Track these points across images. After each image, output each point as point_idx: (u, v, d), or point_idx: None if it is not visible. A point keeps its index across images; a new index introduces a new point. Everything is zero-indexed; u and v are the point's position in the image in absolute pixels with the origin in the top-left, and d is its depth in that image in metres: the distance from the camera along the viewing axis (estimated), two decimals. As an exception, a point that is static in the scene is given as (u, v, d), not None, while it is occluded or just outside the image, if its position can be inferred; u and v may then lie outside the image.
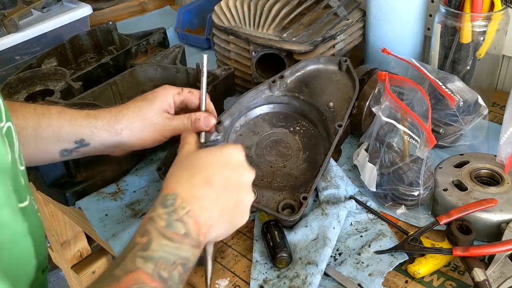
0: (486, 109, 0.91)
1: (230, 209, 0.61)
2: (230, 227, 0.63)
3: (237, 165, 0.63)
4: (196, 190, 0.59)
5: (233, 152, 0.64)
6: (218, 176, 0.61)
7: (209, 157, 0.63)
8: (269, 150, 0.89)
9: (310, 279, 0.70)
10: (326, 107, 0.90)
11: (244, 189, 0.63)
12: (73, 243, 1.37)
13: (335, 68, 0.96)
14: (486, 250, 0.70)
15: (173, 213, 0.56)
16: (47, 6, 1.33)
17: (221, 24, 1.10)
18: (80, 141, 0.73)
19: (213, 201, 0.59)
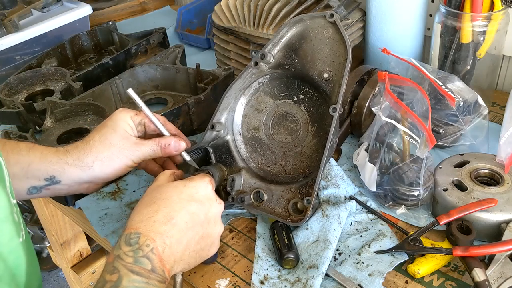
0: (486, 109, 0.91)
1: (195, 243, 0.63)
2: (197, 259, 0.65)
3: (202, 199, 0.65)
4: (158, 227, 0.60)
5: (199, 186, 0.65)
6: (181, 212, 0.62)
7: (174, 193, 0.64)
8: (277, 128, 0.86)
9: (311, 282, 0.70)
10: (322, 79, 0.80)
11: (211, 222, 0.65)
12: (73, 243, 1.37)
13: (323, 22, 0.80)
14: (486, 250, 0.70)
15: (139, 250, 0.57)
16: (47, 6, 1.33)
17: (221, 24, 1.10)
18: (50, 178, 0.72)
19: (176, 238, 0.61)
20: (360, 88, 0.94)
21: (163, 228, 0.60)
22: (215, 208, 0.66)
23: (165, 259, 0.59)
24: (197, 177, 0.67)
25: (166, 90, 1.13)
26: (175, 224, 0.61)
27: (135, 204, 0.87)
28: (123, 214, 0.86)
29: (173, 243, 0.60)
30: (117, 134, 0.74)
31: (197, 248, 0.64)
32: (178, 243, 0.61)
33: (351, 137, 1.00)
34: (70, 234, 1.34)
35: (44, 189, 0.73)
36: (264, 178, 0.83)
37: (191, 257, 0.64)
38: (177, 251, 0.61)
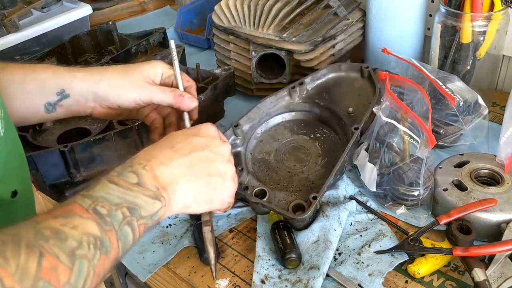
0: (486, 109, 0.91)
1: (202, 171, 0.60)
2: (210, 192, 0.61)
3: (205, 135, 0.63)
4: (156, 151, 0.59)
5: (202, 126, 0.64)
6: (182, 142, 0.61)
7: (177, 133, 0.64)
8: (288, 156, 0.89)
9: (312, 283, 0.70)
10: (346, 113, 0.91)
11: (219, 157, 0.62)
12: (73, 243, 1.36)
13: (356, 75, 0.97)
14: (486, 250, 0.70)
15: (128, 167, 0.56)
16: (47, 6, 1.33)
17: (221, 24, 1.10)
18: (61, 92, 0.72)
19: (176, 161, 0.58)
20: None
21: (162, 153, 0.58)
22: (222, 146, 0.63)
23: (161, 176, 0.56)
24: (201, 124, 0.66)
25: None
26: (175, 151, 0.59)
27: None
28: (123, 214, 0.86)
29: (173, 164, 0.58)
30: (139, 70, 0.73)
31: (206, 178, 0.61)
32: (179, 165, 0.58)
33: (351, 137, 0.99)
34: (70, 234, 1.34)
35: (58, 106, 0.72)
36: (267, 185, 0.84)
37: (199, 184, 0.60)
38: (178, 172, 0.58)
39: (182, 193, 0.58)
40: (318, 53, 1.04)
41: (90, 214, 0.49)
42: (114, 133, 0.89)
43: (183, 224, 0.84)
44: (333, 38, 1.06)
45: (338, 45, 1.09)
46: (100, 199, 0.51)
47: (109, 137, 0.89)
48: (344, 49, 1.11)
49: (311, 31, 1.04)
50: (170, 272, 0.76)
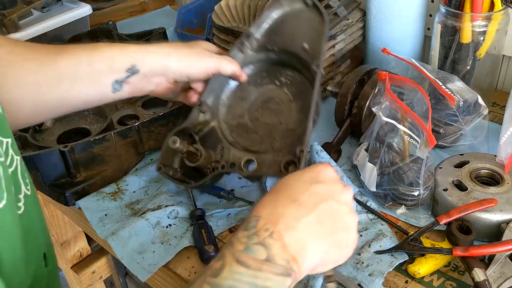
0: (486, 109, 0.91)
1: (330, 229, 0.53)
2: (337, 252, 0.55)
3: (327, 181, 0.56)
4: (281, 209, 0.52)
5: (320, 169, 0.57)
6: (306, 193, 0.54)
7: (293, 178, 0.57)
8: (262, 111, 0.86)
9: (312, 283, 0.70)
10: (302, 50, 0.84)
11: (343, 207, 0.55)
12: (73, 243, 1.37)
13: (301, 5, 0.87)
14: (486, 250, 0.70)
15: (254, 235, 0.49)
16: (47, 6, 1.33)
17: (221, 24, 1.10)
18: (131, 68, 0.72)
19: (304, 219, 0.51)
20: (360, 88, 0.94)
21: (286, 211, 0.51)
22: (345, 193, 0.56)
23: (290, 245, 0.49)
24: (317, 164, 0.59)
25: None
26: (300, 205, 0.52)
27: (135, 204, 0.88)
28: (123, 215, 0.86)
29: (301, 226, 0.51)
30: (201, 45, 0.79)
31: (333, 235, 0.53)
32: (307, 225, 0.51)
33: (351, 137, 1.00)
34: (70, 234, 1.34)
35: (125, 83, 0.73)
36: (252, 151, 0.83)
37: (328, 245, 0.53)
38: (307, 235, 0.51)
39: (311, 259, 0.52)
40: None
41: None
42: (114, 133, 0.89)
43: (183, 224, 0.83)
44: (333, 38, 1.06)
45: (338, 45, 1.09)
46: None
47: (109, 137, 0.89)
48: (344, 49, 1.11)
49: (311, 31, 1.04)
50: (170, 272, 0.76)
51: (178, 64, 0.75)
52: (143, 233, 0.81)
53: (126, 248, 0.79)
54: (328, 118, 1.07)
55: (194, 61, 0.76)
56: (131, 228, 0.82)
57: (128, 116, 1.06)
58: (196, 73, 0.77)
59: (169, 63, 0.75)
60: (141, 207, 0.87)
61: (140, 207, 0.87)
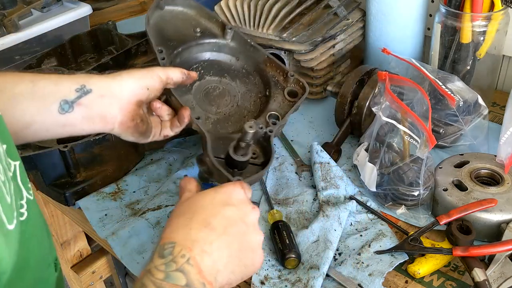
0: (486, 109, 0.91)
1: (237, 250, 0.57)
2: (242, 270, 0.58)
3: (237, 203, 0.59)
4: (194, 234, 0.54)
5: (231, 191, 0.60)
6: (217, 216, 0.57)
7: (206, 199, 0.59)
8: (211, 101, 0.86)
9: (312, 283, 0.70)
10: (196, 34, 0.89)
11: (250, 229, 0.59)
12: (73, 243, 1.37)
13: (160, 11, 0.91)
14: (486, 250, 0.70)
15: (172, 262, 0.51)
16: (47, 6, 1.33)
17: (221, 24, 1.10)
18: (81, 88, 0.67)
19: (215, 243, 0.55)
20: (360, 88, 0.94)
21: (200, 235, 0.54)
22: (251, 214, 0.60)
23: (205, 269, 0.52)
24: (228, 184, 0.63)
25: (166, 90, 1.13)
26: (212, 229, 0.55)
27: (135, 204, 0.88)
28: (123, 215, 0.86)
29: (213, 249, 0.54)
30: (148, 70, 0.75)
31: (240, 256, 0.57)
32: (218, 249, 0.55)
33: (351, 137, 1.00)
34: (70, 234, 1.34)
35: (76, 104, 0.67)
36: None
37: (235, 265, 0.57)
38: (218, 258, 0.54)
39: (222, 279, 0.55)
40: (318, 53, 1.04)
41: None
42: (114, 133, 0.89)
43: (183, 224, 0.83)
44: (333, 38, 1.06)
45: (338, 45, 1.09)
46: None
47: (109, 137, 0.89)
48: (344, 49, 1.11)
49: (311, 31, 1.04)
50: (170, 272, 0.76)
51: (130, 77, 0.71)
52: (143, 233, 0.81)
53: (126, 248, 0.79)
54: (328, 118, 1.07)
55: (144, 72, 0.73)
56: (131, 228, 0.82)
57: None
58: (151, 82, 0.72)
59: (120, 78, 0.71)
60: (141, 207, 0.87)
61: (140, 207, 0.87)
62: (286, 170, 0.93)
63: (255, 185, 0.90)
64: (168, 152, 1.00)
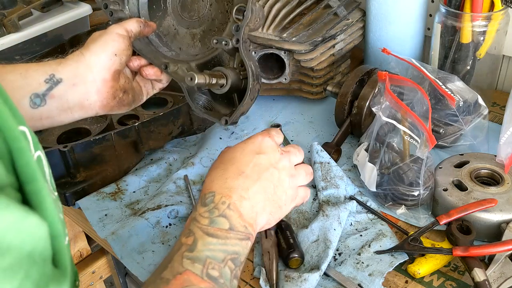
0: (486, 109, 0.91)
1: (272, 192, 0.61)
2: (278, 211, 0.63)
3: (267, 150, 0.63)
4: (231, 182, 0.59)
5: (260, 140, 0.64)
6: (249, 164, 0.61)
7: (237, 150, 0.63)
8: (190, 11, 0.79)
9: (306, 275, 0.70)
10: None
11: (281, 172, 0.63)
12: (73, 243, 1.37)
13: None
14: (486, 250, 0.70)
15: (215, 209, 0.56)
16: (47, 6, 1.33)
17: (221, 24, 1.10)
18: (50, 78, 0.64)
19: (251, 189, 0.59)
20: (360, 88, 0.94)
21: (236, 183, 0.59)
22: (283, 159, 0.63)
23: (245, 213, 0.57)
24: (258, 134, 0.65)
25: (166, 90, 1.13)
26: (247, 177, 0.59)
27: (135, 204, 0.88)
28: (123, 215, 0.86)
29: (250, 195, 0.58)
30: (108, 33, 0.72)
31: (275, 198, 0.62)
32: (255, 193, 0.59)
33: (351, 137, 1.00)
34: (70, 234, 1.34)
35: (49, 97, 0.64)
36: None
37: (271, 207, 0.61)
38: (256, 202, 0.59)
39: (260, 221, 0.60)
40: (318, 53, 1.04)
41: (206, 281, 0.50)
42: (114, 133, 0.89)
43: (183, 224, 0.83)
44: (333, 38, 1.06)
45: (338, 45, 1.09)
46: (207, 260, 0.52)
47: (109, 137, 0.89)
48: (344, 49, 1.11)
49: (311, 31, 1.04)
50: (170, 272, 0.76)
51: (92, 53, 0.67)
52: (143, 233, 0.81)
53: (126, 248, 0.79)
54: (328, 118, 1.07)
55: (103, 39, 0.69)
56: (131, 228, 0.82)
57: (128, 116, 1.06)
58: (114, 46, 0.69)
59: (84, 58, 0.67)
60: (141, 207, 0.87)
61: (140, 207, 0.87)
62: (286, 170, 0.93)
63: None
64: (168, 152, 1.00)
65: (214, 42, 0.71)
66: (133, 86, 0.73)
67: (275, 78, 1.09)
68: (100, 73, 0.68)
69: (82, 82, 0.67)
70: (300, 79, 1.08)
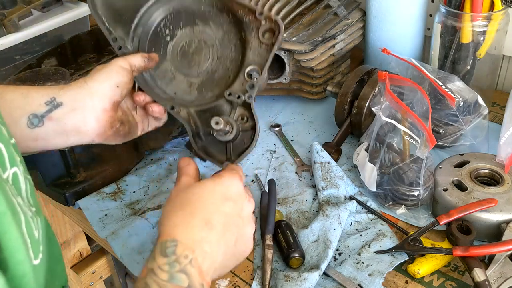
0: (486, 109, 0.91)
1: (232, 245, 0.59)
2: (235, 262, 0.61)
3: (235, 198, 0.60)
4: (197, 233, 0.55)
5: (230, 183, 0.61)
6: (217, 214, 0.57)
7: (206, 192, 0.59)
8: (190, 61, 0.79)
9: (305, 275, 0.70)
10: None
11: (245, 222, 0.61)
12: (73, 243, 1.37)
13: None
14: (486, 250, 0.70)
15: (176, 263, 0.52)
16: (47, 6, 1.33)
17: (221, 24, 1.09)
18: (51, 101, 0.65)
19: (215, 244, 0.56)
20: (360, 88, 0.94)
21: (201, 234, 0.55)
22: (247, 207, 0.61)
23: (205, 270, 0.53)
24: (226, 174, 0.62)
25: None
26: (212, 228, 0.56)
27: (135, 204, 0.88)
28: (123, 215, 0.86)
29: (213, 249, 0.55)
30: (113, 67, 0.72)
31: (234, 251, 0.60)
32: (217, 250, 0.56)
33: (351, 137, 1.00)
34: (70, 234, 1.34)
35: (47, 119, 0.64)
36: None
37: (229, 260, 0.59)
38: (217, 257, 0.56)
39: (214, 275, 0.57)
40: (318, 53, 1.04)
41: None
42: (114, 133, 0.89)
43: (183, 224, 0.83)
44: (333, 38, 1.06)
45: (338, 45, 1.09)
46: None
47: (109, 137, 0.89)
48: (344, 49, 1.11)
49: (311, 31, 1.04)
50: (170, 272, 0.76)
51: (95, 81, 0.68)
52: (143, 233, 0.81)
53: (126, 248, 0.79)
54: (328, 118, 1.07)
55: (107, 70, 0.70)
56: (131, 228, 0.82)
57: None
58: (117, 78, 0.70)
59: (87, 86, 0.68)
60: (141, 207, 0.87)
61: (140, 207, 0.87)
62: (286, 170, 0.93)
63: (255, 184, 0.90)
64: (168, 152, 1.00)
65: (227, 94, 0.73)
66: (129, 120, 0.74)
67: (275, 78, 1.09)
68: (101, 101, 0.69)
69: (82, 107, 0.67)
70: (300, 79, 1.08)
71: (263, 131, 1.05)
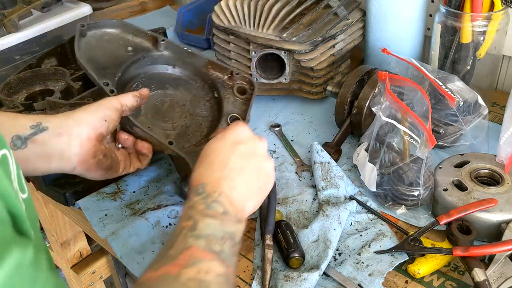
0: (486, 109, 0.91)
1: (255, 179, 0.65)
2: (261, 194, 0.67)
3: (245, 140, 0.67)
4: (218, 174, 0.63)
5: (238, 130, 0.67)
6: (232, 156, 0.65)
7: (219, 143, 0.66)
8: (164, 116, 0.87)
9: (305, 275, 0.70)
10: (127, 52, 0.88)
11: (262, 158, 0.67)
12: (73, 243, 1.37)
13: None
14: (486, 250, 0.70)
15: (208, 197, 0.60)
16: (47, 6, 1.33)
17: (221, 24, 1.10)
18: (37, 125, 0.67)
19: (237, 178, 0.63)
20: (360, 88, 0.94)
21: (223, 174, 0.63)
22: (260, 146, 0.68)
23: (234, 201, 0.61)
24: (233, 124, 0.70)
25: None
26: (232, 168, 0.64)
27: (135, 204, 0.88)
28: (123, 215, 0.86)
29: (237, 184, 0.63)
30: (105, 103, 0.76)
31: (259, 183, 0.66)
32: (241, 183, 0.63)
33: (351, 137, 1.00)
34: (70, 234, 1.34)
35: (30, 141, 0.66)
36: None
37: (256, 193, 0.66)
38: (243, 191, 0.63)
39: (248, 207, 0.64)
40: (318, 53, 1.04)
41: (211, 254, 0.54)
42: (114, 133, 0.89)
43: (183, 224, 0.83)
44: (333, 38, 1.06)
45: (338, 45, 1.09)
46: (209, 237, 0.55)
47: (109, 137, 0.89)
48: (344, 49, 1.11)
49: (311, 31, 1.04)
50: (170, 272, 0.76)
51: (84, 112, 0.72)
52: (143, 233, 0.81)
53: (126, 248, 0.79)
54: (328, 118, 1.07)
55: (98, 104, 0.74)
56: (131, 228, 0.82)
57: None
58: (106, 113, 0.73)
59: (75, 115, 0.71)
60: (141, 207, 0.87)
61: (140, 207, 0.87)
62: (286, 170, 0.93)
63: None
64: (168, 152, 1.00)
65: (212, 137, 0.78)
66: (112, 156, 0.77)
67: (275, 78, 1.09)
68: (86, 130, 0.71)
69: (67, 133, 0.69)
70: (300, 79, 1.08)
71: (263, 131, 1.05)
